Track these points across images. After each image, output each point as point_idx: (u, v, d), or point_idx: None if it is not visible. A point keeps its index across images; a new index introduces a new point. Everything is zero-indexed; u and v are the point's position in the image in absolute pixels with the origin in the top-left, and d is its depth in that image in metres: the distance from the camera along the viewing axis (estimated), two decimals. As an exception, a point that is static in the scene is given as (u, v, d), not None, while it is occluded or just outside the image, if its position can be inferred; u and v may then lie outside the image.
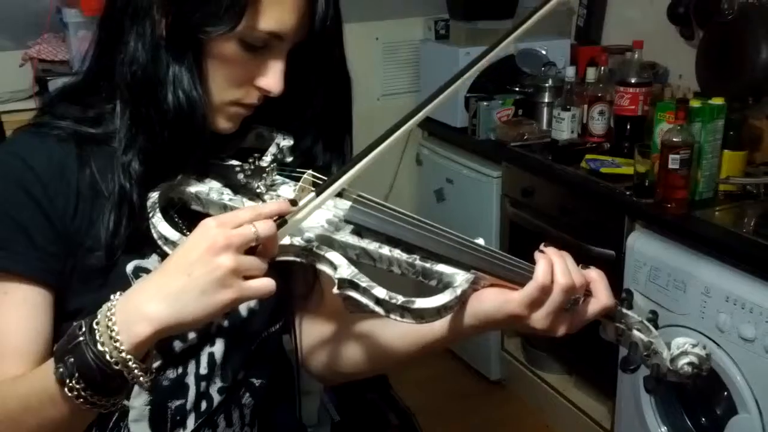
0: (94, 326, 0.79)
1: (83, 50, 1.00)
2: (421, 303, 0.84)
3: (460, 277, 0.88)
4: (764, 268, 1.83)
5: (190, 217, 0.93)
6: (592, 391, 2.62)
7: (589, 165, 2.40)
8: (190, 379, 1.00)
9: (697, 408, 2.14)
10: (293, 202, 0.85)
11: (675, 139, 2.03)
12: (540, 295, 0.88)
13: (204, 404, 1.01)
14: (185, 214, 0.96)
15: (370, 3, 3.03)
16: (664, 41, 2.69)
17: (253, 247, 0.81)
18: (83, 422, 0.87)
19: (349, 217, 0.91)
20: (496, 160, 2.73)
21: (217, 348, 1.01)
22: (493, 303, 0.89)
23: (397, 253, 0.88)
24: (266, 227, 0.81)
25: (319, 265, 0.88)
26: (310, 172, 0.94)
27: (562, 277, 0.89)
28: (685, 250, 2.03)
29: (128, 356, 0.78)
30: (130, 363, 0.78)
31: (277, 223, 0.83)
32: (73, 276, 0.93)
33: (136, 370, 0.79)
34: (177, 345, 0.98)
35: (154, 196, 0.92)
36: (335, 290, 0.85)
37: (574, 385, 2.72)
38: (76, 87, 0.99)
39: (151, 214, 0.90)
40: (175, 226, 0.91)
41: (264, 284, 0.81)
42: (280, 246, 0.85)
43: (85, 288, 0.93)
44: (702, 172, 2.11)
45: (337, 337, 1.10)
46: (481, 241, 0.92)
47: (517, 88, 2.87)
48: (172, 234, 0.88)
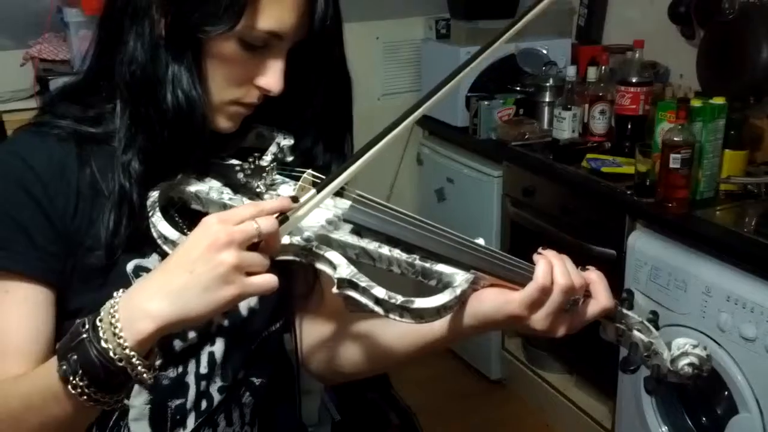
0: (98, 323, 0.79)
1: (84, 50, 1.00)
2: (420, 303, 0.84)
3: (460, 277, 0.88)
4: (765, 268, 1.83)
5: (190, 217, 0.93)
6: (592, 391, 2.61)
7: (590, 164, 2.40)
8: (190, 379, 1.00)
9: (698, 407, 2.14)
10: (294, 199, 0.85)
11: (676, 139, 2.02)
12: (540, 296, 0.88)
13: (204, 403, 1.01)
14: (185, 214, 0.96)
15: (371, 2, 3.03)
16: (665, 41, 2.69)
17: (255, 244, 0.81)
18: (86, 420, 0.87)
19: (349, 217, 0.91)
20: (497, 160, 2.73)
21: (218, 347, 1.01)
22: (492, 303, 0.89)
23: (397, 253, 0.88)
24: (268, 223, 0.81)
25: (319, 265, 0.88)
26: (310, 171, 0.94)
27: (561, 278, 0.89)
28: (686, 250, 2.03)
29: (132, 353, 0.78)
30: (134, 360, 0.78)
31: (279, 220, 0.83)
32: (74, 275, 0.93)
33: (139, 367, 0.79)
34: (177, 344, 0.98)
35: (154, 196, 0.92)
36: (334, 290, 0.85)
37: (574, 384, 2.71)
38: (77, 86, 0.99)
39: (151, 214, 0.90)
40: (175, 226, 0.91)
41: (266, 280, 0.81)
42: (280, 245, 0.85)
43: (86, 287, 0.93)
44: (703, 171, 2.11)
45: (337, 337, 1.10)
46: (481, 241, 0.92)
47: (518, 88, 2.87)
48: (172, 233, 0.88)
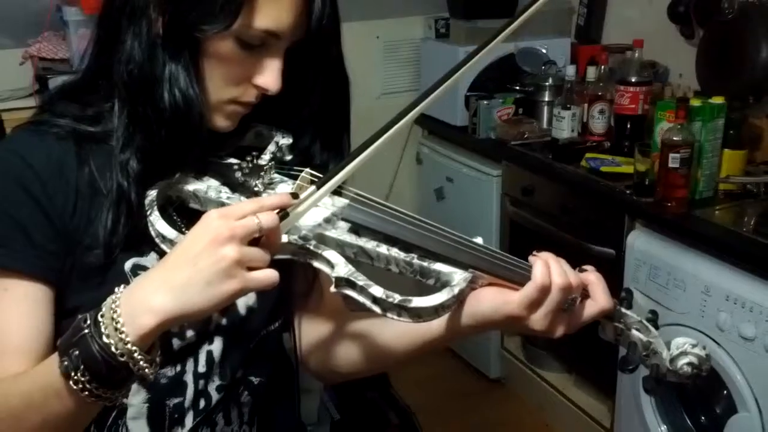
0: (99, 319, 0.79)
1: (83, 48, 1.00)
2: (418, 302, 0.84)
3: (458, 276, 0.87)
4: (764, 267, 1.83)
5: (189, 216, 0.93)
6: (591, 390, 2.62)
7: (589, 164, 2.40)
8: (189, 377, 1.00)
9: (697, 407, 2.14)
10: (294, 195, 0.85)
11: (675, 138, 2.02)
12: (539, 296, 0.88)
13: (202, 402, 1.01)
14: (183, 212, 0.96)
15: (371, 1, 3.03)
16: (665, 40, 2.69)
17: (256, 239, 0.81)
18: (87, 417, 0.87)
19: (347, 216, 0.91)
20: (497, 159, 2.73)
21: (216, 346, 1.01)
22: (491, 304, 0.89)
23: (395, 252, 0.88)
24: (269, 218, 0.81)
25: (317, 264, 0.88)
26: (308, 170, 0.94)
27: (558, 277, 0.89)
28: (685, 249, 2.03)
29: (133, 348, 0.78)
30: (136, 354, 0.78)
31: (279, 216, 0.83)
32: (72, 274, 0.93)
33: (141, 362, 0.79)
34: (175, 343, 0.98)
35: (152, 194, 0.92)
36: (332, 288, 0.85)
37: (573, 383, 2.72)
38: (75, 85, 0.99)
39: (149, 212, 0.90)
40: (173, 225, 0.91)
41: (268, 275, 0.82)
42: (280, 240, 0.85)
43: (84, 286, 0.93)
44: (702, 171, 2.11)
45: (336, 336, 1.10)
46: (480, 240, 0.92)
47: (518, 87, 2.87)
48: (170, 232, 0.88)
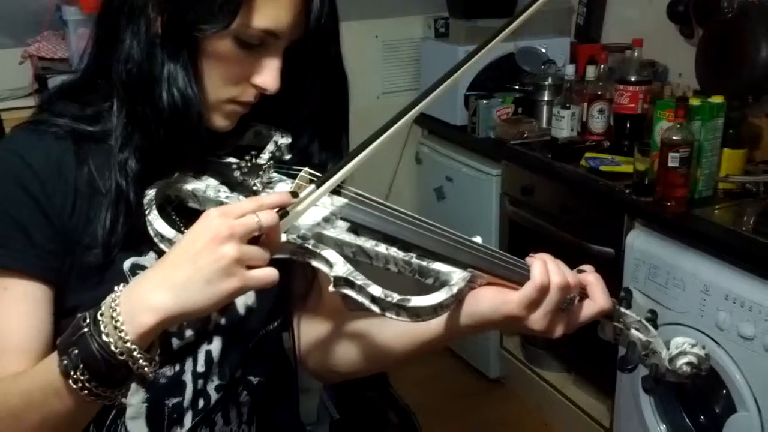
0: (99, 317, 0.79)
1: (82, 48, 1.00)
2: (416, 301, 0.83)
3: (457, 276, 0.87)
4: (763, 267, 1.83)
5: (187, 215, 0.93)
6: (591, 389, 2.62)
7: (588, 163, 2.40)
8: (188, 377, 1.00)
9: (696, 406, 2.14)
10: (294, 194, 0.85)
11: (674, 138, 2.02)
12: (538, 296, 0.88)
13: (201, 402, 1.01)
14: (182, 212, 0.96)
15: (370, 1, 3.03)
16: (664, 39, 2.69)
17: (256, 238, 0.81)
18: (87, 416, 0.87)
19: (346, 215, 0.91)
20: (496, 159, 2.73)
21: (215, 346, 1.01)
22: (490, 304, 0.89)
23: (394, 251, 0.88)
24: (269, 217, 0.81)
25: (315, 263, 0.88)
26: (307, 169, 0.94)
27: (556, 277, 0.89)
28: (685, 249, 2.03)
29: (133, 346, 0.78)
30: (135, 353, 0.78)
31: (279, 215, 0.83)
32: (71, 273, 0.93)
33: (140, 360, 0.79)
34: (174, 342, 0.98)
35: (151, 194, 0.92)
36: (331, 288, 0.85)
37: (573, 383, 2.72)
38: (74, 85, 0.99)
39: (147, 212, 0.90)
40: (172, 224, 0.91)
41: (267, 273, 0.82)
42: (280, 239, 0.85)
43: (83, 285, 0.93)
44: (701, 170, 2.11)
45: (335, 336, 1.10)
46: (479, 240, 0.92)
47: (517, 87, 2.87)
48: (168, 231, 0.88)
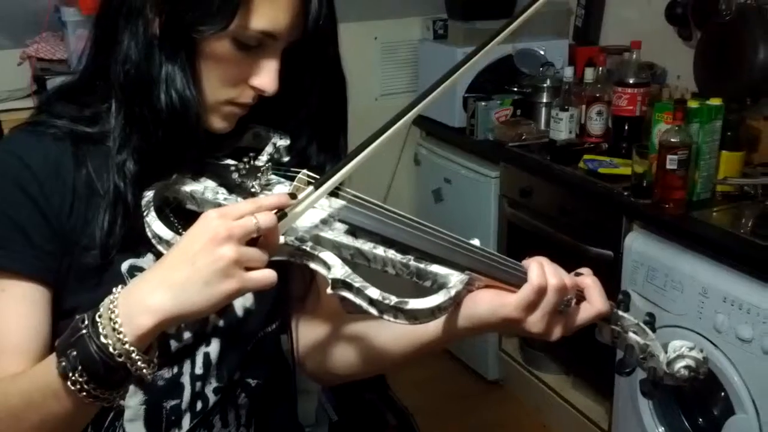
0: (97, 319, 0.79)
1: (81, 49, 1.00)
2: (414, 304, 0.83)
3: (455, 278, 0.87)
4: (761, 269, 1.83)
5: (186, 217, 0.93)
6: (589, 392, 2.62)
7: (587, 165, 2.40)
8: (186, 379, 1.00)
9: (695, 408, 2.14)
10: (292, 196, 0.85)
11: (673, 140, 2.03)
12: (535, 298, 0.88)
13: (199, 404, 1.01)
14: (180, 214, 0.95)
15: (369, 2, 3.03)
16: (662, 42, 2.69)
17: (254, 239, 0.81)
18: (86, 417, 0.87)
19: (344, 218, 0.91)
20: (494, 161, 2.73)
21: (213, 348, 1.01)
22: (488, 306, 0.89)
23: (392, 254, 0.88)
24: (267, 219, 0.81)
25: (313, 265, 0.88)
26: (305, 171, 0.94)
27: (553, 278, 0.89)
28: (683, 251, 2.03)
29: (131, 348, 0.78)
30: (134, 354, 0.78)
31: (277, 216, 0.83)
32: (69, 274, 0.93)
33: (139, 362, 0.79)
34: (173, 344, 0.98)
35: (149, 195, 0.92)
36: (329, 290, 0.85)
37: (571, 385, 2.72)
38: (73, 86, 0.99)
39: (145, 213, 0.90)
40: (170, 226, 0.91)
41: (265, 275, 0.82)
42: (278, 241, 0.85)
43: (81, 287, 0.93)
44: (700, 172, 2.11)
45: (333, 339, 1.10)
46: (477, 242, 0.92)
47: (516, 89, 2.86)
48: (166, 233, 0.88)
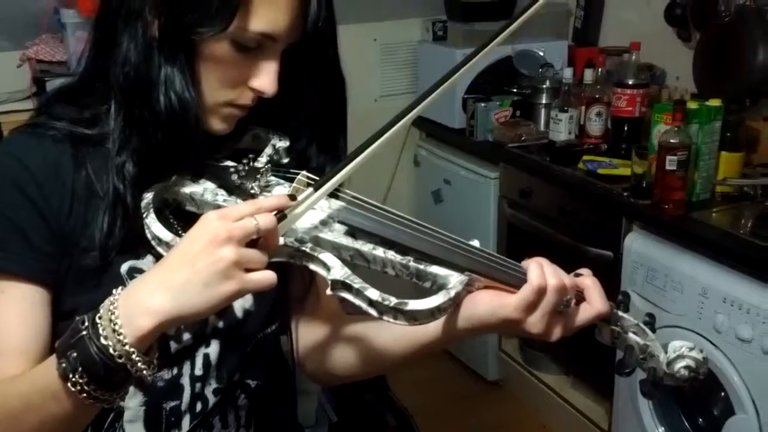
0: (97, 320, 0.79)
1: (80, 51, 1.00)
2: (414, 305, 0.83)
3: (454, 279, 0.87)
4: (761, 269, 1.83)
5: (185, 218, 0.93)
6: (589, 392, 2.62)
7: (586, 166, 2.40)
8: (185, 380, 1.00)
9: (695, 408, 2.14)
10: (292, 197, 0.85)
11: (672, 141, 2.03)
12: (535, 298, 0.88)
13: (199, 405, 1.01)
14: (180, 215, 0.96)
15: (368, 4, 3.03)
16: (662, 43, 2.69)
17: (254, 241, 0.82)
18: (85, 419, 0.87)
19: (343, 219, 0.91)
20: (494, 161, 2.73)
21: (213, 349, 1.01)
22: (487, 307, 0.89)
23: (391, 255, 0.88)
24: (267, 220, 0.81)
25: (313, 266, 0.88)
26: (304, 173, 0.94)
27: (552, 279, 0.89)
28: (683, 251, 2.03)
29: (132, 349, 0.78)
30: (134, 356, 0.78)
31: (277, 218, 0.83)
32: (69, 276, 0.94)
33: (139, 363, 0.79)
34: (172, 346, 0.98)
35: (149, 197, 0.92)
36: (328, 291, 0.85)
37: (571, 385, 2.72)
38: (72, 88, 0.99)
39: (145, 215, 0.90)
40: (170, 227, 0.91)
41: (265, 276, 0.82)
42: (278, 242, 0.85)
43: (80, 288, 0.93)
44: (699, 173, 2.11)
45: (333, 340, 1.10)
46: (476, 243, 0.92)
47: (515, 90, 2.86)
48: (166, 235, 0.88)
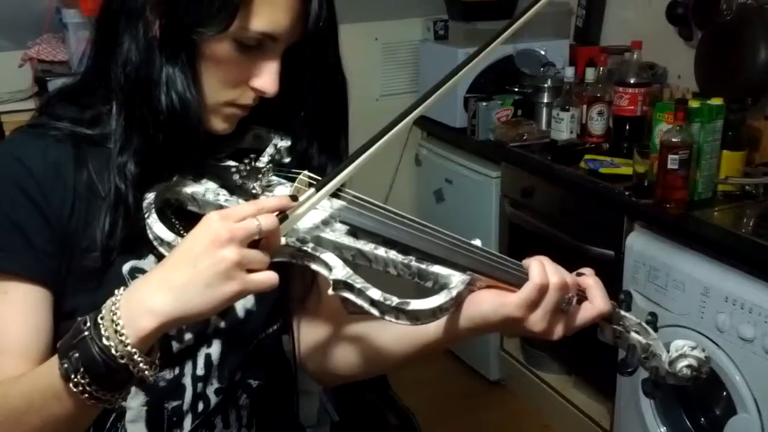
0: (99, 321, 0.79)
1: (82, 51, 1.00)
2: (416, 304, 0.83)
3: (456, 279, 0.87)
4: (763, 269, 1.83)
5: (187, 218, 0.93)
6: (591, 391, 2.62)
7: (588, 165, 2.40)
8: (187, 380, 1.00)
9: (697, 408, 2.14)
10: (294, 198, 0.85)
11: (674, 140, 2.03)
12: (537, 295, 0.88)
13: (201, 405, 1.01)
14: (182, 215, 0.96)
15: (370, 3, 3.03)
16: (663, 42, 2.69)
17: (256, 241, 0.82)
18: (87, 419, 0.87)
19: (345, 218, 0.91)
20: (496, 161, 2.73)
21: (214, 349, 1.01)
22: (489, 306, 0.89)
23: (393, 255, 0.88)
24: (269, 221, 0.81)
25: (315, 266, 0.88)
26: (306, 172, 0.94)
27: (554, 276, 0.89)
28: (684, 251, 2.03)
29: (133, 350, 0.78)
30: (136, 356, 0.78)
31: (279, 218, 0.83)
32: (70, 276, 0.93)
33: (141, 364, 0.79)
34: (174, 346, 0.98)
35: (150, 197, 0.92)
36: (330, 291, 0.85)
37: (573, 385, 2.72)
38: (74, 88, 0.99)
39: (147, 215, 0.90)
40: (172, 227, 0.91)
41: (267, 277, 0.82)
42: (280, 243, 0.85)
43: (82, 288, 0.93)
44: (701, 172, 2.11)
45: (334, 339, 1.10)
46: (478, 242, 0.92)
47: (516, 89, 2.86)
48: (168, 235, 0.88)
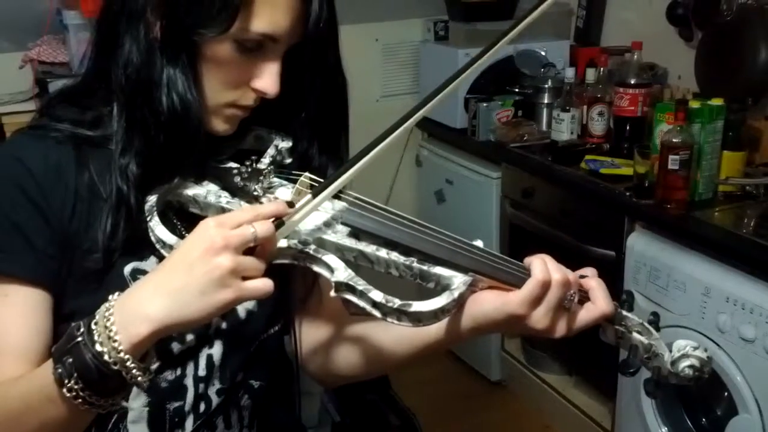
0: (93, 327, 0.79)
1: (83, 52, 1.00)
2: (417, 306, 0.83)
3: (458, 280, 0.87)
4: (764, 269, 1.83)
5: (189, 220, 0.93)
6: (592, 392, 2.62)
7: (588, 166, 2.40)
8: (189, 381, 1.00)
9: (698, 408, 2.15)
10: (290, 204, 0.85)
11: (674, 140, 2.03)
12: (540, 292, 0.88)
13: (202, 406, 1.01)
14: (184, 216, 0.96)
15: (370, 4, 3.03)
16: (664, 42, 2.69)
17: (252, 248, 0.81)
18: (84, 422, 0.87)
19: (346, 220, 0.91)
20: (496, 161, 2.73)
21: (216, 350, 1.01)
22: (492, 304, 0.89)
23: (395, 256, 0.88)
24: (265, 228, 0.81)
25: (316, 268, 0.88)
26: (307, 174, 0.94)
27: (556, 273, 0.89)
28: (685, 251, 2.03)
29: (126, 356, 0.78)
30: (129, 363, 0.78)
31: (275, 225, 0.83)
32: (71, 277, 0.93)
33: (134, 370, 0.79)
34: (175, 346, 0.98)
35: (152, 200, 0.92)
36: (332, 293, 0.85)
37: (574, 385, 2.72)
38: (75, 89, 0.99)
39: (149, 218, 0.90)
40: (174, 229, 0.91)
41: (262, 285, 0.82)
42: (277, 249, 0.85)
43: (82, 290, 0.93)
44: (701, 172, 2.11)
45: (336, 340, 1.10)
46: (480, 243, 0.92)
47: (517, 90, 2.86)
48: (169, 237, 0.88)
